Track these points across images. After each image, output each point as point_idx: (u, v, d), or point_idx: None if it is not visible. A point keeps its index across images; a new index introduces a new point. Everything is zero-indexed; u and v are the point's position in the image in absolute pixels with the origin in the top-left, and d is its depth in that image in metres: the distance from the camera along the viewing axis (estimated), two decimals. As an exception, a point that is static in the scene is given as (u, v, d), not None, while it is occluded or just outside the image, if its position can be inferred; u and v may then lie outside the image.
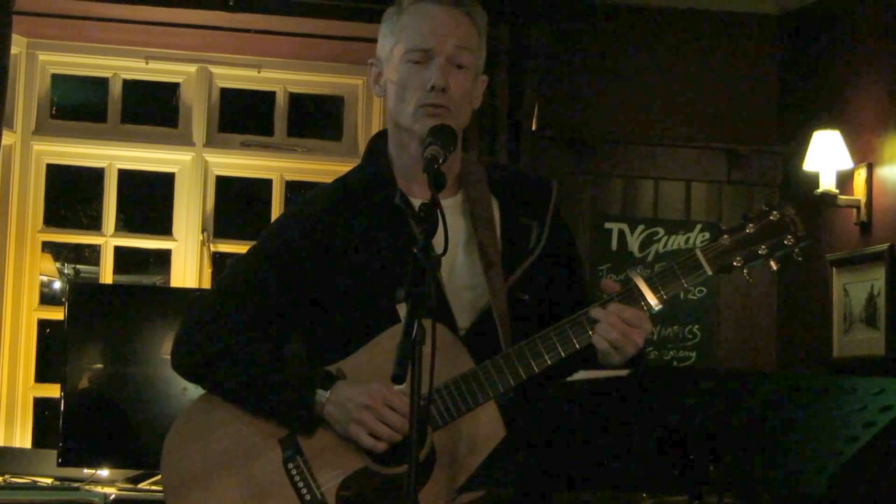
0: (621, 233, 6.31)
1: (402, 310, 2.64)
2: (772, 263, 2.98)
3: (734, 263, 2.96)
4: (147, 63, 6.38)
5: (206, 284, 6.25)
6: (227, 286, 3.15)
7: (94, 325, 5.56)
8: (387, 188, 3.09)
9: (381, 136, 3.19)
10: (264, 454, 2.98)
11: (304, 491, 2.94)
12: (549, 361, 2.91)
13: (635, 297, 2.94)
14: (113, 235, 6.38)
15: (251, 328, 3.06)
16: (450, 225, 2.88)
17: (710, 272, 2.96)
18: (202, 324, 3.09)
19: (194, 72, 6.42)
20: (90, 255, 8.39)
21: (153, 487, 5.35)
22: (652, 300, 2.93)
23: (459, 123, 3.04)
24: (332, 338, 3.06)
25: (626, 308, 2.91)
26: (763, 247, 2.96)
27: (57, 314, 6.00)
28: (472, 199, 3.11)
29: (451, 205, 3.05)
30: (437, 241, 2.73)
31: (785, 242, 2.97)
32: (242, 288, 3.10)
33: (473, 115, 3.17)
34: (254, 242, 3.20)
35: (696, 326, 6.33)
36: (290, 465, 2.96)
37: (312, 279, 3.05)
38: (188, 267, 6.29)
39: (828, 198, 5.85)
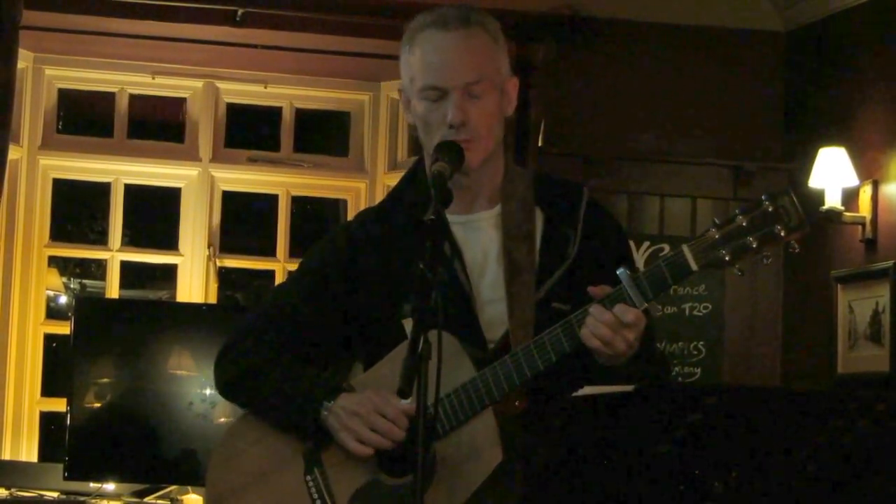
0: (627, 249, 6.30)
1: (409, 325, 2.66)
2: (765, 256, 2.76)
3: (725, 258, 2.76)
4: (154, 78, 6.40)
5: (212, 299, 6.27)
6: (264, 309, 3.22)
7: (101, 340, 5.57)
8: (421, 206, 3.09)
9: (422, 159, 3.19)
10: (289, 467, 3.04)
11: (319, 503, 2.99)
12: (541, 367, 2.87)
13: (622, 299, 2.84)
14: (119, 250, 6.39)
15: (280, 350, 3.11)
16: (483, 239, 2.99)
17: (694, 268, 2.78)
18: (235, 347, 3.16)
19: (201, 87, 6.43)
20: (96, 269, 8.43)
21: (159, 501, 5.36)
22: (637, 300, 2.82)
23: (488, 146, 3.04)
24: (365, 356, 3.11)
25: (605, 311, 2.82)
26: (751, 239, 2.75)
27: (63, 328, 6.01)
28: (507, 212, 3.09)
29: (486, 218, 3.07)
30: (474, 257, 2.92)
31: (776, 234, 2.74)
32: (276, 312, 3.16)
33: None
34: (259, 258, 3.24)
35: (702, 342, 6.32)
36: (309, 478, 3.02)
37: (344, 302, 3.10)
38: (194, 282, 6.29)
39: (833, 215, 5.84)
